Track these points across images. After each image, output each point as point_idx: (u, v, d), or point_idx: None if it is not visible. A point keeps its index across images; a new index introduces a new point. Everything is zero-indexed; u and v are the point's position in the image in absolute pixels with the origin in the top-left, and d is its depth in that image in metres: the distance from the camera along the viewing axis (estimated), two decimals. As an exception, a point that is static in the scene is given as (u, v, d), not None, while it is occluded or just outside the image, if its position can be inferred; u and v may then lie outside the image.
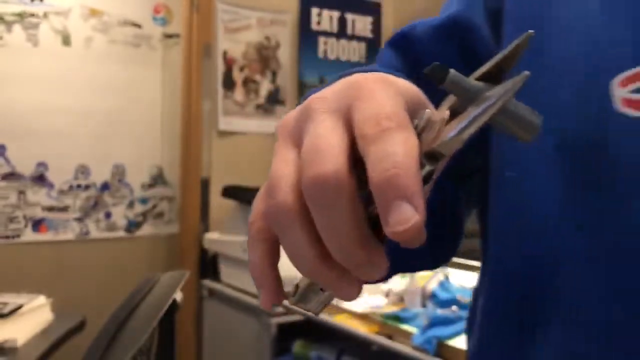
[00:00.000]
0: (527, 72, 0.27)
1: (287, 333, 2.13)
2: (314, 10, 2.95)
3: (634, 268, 0.39)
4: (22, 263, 2.43)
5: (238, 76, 2.77)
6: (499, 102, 0.27)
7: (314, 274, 0.29)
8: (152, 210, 2.72)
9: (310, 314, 0.33)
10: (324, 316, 1.79)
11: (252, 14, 2.82)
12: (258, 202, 0.32)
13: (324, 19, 2.98)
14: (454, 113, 0.28)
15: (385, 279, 0.52)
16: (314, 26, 2.96)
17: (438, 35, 0.50)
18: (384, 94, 0.29)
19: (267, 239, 0.31)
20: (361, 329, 1.69)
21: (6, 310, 1.52)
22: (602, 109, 0.39)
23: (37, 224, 2.48)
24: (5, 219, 2.43)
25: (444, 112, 0.29)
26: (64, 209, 2.53)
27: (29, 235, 2.47)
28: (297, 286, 0.32)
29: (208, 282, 2.55)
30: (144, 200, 2.70)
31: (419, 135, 0.28)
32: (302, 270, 0.29)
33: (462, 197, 0.53)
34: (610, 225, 0.40)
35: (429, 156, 0.28)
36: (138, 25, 2.65)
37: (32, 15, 2.45)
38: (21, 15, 2.43)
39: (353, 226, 0.27)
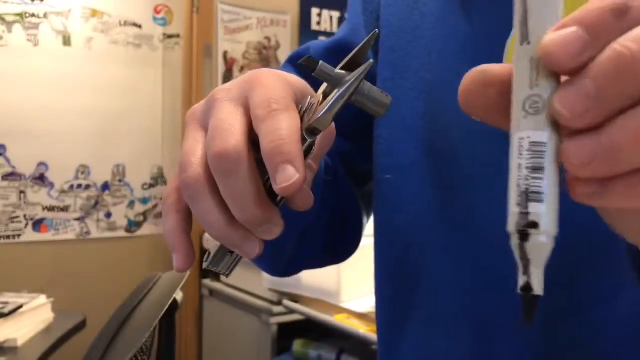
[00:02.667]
0: (371, 61, 0.34)
1: (287, 332, 2.14)
2: (314, 11, 2.95)
3: (486, 259, 0.45)
4: (22, 263, 2.44)
5: (239, 76, 2.78)
6: (353, 85, 0.33)
7: (222, 235, 0.34)
8: (153, 210, 2.73)
9: (222, 274, 0.37)
10: (324, 316, 1.80)
11: (252, 15, 2.82)
12: (172, 180, 0.37)
13: (324, 19, 2.98)
14: (326, 96, 0.34)
15: (294, 273, 0.58)
16: (314, 26, 2.96)
17: (327, 55, 0.59)
18: (274, 83, 0.34)
19: (180, 210, 0.36)
20: (361, 329, 1.69)
21: (7, 309, 1.53)
22: (452, 120, 0.46)
23: (38, 224, 2.49)
24: (6, 219, 2.43)
25: (319, 96, 0.35)
26: (65, 208, 2.54)
27: (29, 235, 2.47)
28: (209, 253, 0.37)
29: (208, 282, 2.56)
30: (144, 200, 2.70)
31: (303, 116, 0.34)
32: (211, 233, 0.34)
33: (359, 197, 0.61)
34: (460, 219, 0.46)
35: (308, 131, 0.34)
36: (139, 26, 2.65)
37: (33, 15, 2.45)
38: (22, 16, 2.44)
39: (251, 190, 0.32)
